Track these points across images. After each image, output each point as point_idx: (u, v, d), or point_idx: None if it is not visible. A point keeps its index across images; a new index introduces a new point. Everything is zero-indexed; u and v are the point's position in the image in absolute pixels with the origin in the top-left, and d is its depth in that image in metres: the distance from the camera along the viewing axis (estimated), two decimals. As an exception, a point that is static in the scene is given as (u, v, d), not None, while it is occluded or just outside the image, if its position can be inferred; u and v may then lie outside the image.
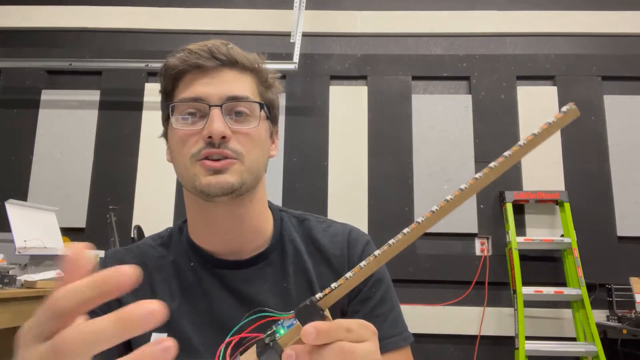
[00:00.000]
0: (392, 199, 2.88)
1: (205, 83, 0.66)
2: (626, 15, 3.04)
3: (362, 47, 3.10)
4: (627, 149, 2.89)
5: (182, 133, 0.66)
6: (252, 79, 0.70)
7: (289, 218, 0.77)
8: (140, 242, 0.77)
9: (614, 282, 2.64)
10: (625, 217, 2.80)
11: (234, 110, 0.66)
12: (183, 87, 0.67)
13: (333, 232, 0.75)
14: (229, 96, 0.65)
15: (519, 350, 2.45)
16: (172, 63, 0.67)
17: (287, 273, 0.71)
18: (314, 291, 0.68)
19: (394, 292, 0.75)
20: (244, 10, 3.16)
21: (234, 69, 0.68)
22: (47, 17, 3.17)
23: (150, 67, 2.97)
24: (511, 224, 2.65)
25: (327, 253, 0.73)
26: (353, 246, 0.74)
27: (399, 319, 0.73)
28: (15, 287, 1.73)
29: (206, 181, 0.63)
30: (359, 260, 0.71)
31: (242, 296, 0.68)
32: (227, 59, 0.66)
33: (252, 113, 0.67)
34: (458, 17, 3.10)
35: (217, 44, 0.67)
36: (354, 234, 0.76)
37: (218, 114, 0.64)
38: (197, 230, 0.72)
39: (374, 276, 0.72)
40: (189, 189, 0.67)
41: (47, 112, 3.08)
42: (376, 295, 0.71)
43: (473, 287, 2.73)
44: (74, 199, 2.94)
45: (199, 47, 0.66)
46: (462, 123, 2.98)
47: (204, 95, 0.65)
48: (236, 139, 0.65)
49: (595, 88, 2.97)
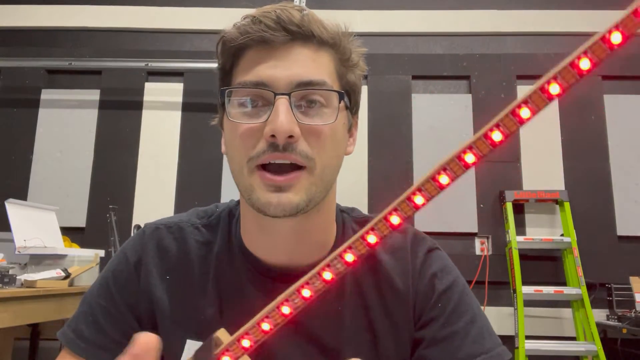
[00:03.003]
0: (392, 199, 2.87)
1: (272, 65, 0.53)
2: (626, 15, 3.03)
3: (362, 46, 3.10)
4: (627, 149, 2.89)
5: (239, 127, 0.53)
6: (330, 57, 0.56)
7: (351, 223, 0.65)
8: (184, 217, 0.65)
9: (613, 282, 2.64)
10: (625, 216, 2.80)
11: (305, 98, 0.53)
12: (243, 66, 0.55)
13: (394, 242, 0.62)
14: (299, 81, 0.52)
15: (518, 350, 2.45)
16: (230, 35, 0.55)
17: (342, 293, 0.59)
18: (370, 318, 0.58)
19: (474, 299, 0.60)
20: (244, 10, 3.14)
21: (309, 45, 0.54)
22: (47, 17, 3.17)
23: (150, 66, 2.97)
24: (511, 224, 2.65)
25: (388, 268, 0.60)
26: (414, 258, 0.61)
27: (485, 331, 0.57)
28: (15, 286, 1.73)
29: (265, 200, 0.52)
30: (419, 274, 0.60)
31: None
32: (301, 32, 0.53)
33: (329, 103, 0.54)
34: (458, 17, 3.09)
35: (288, 9, 0.53)
36: (416, 242, 0.62)
37: (285, 106, 0.51)
38: (250, 236, 0.61)
39: (437, 288, 0.58)
40: (244, 198, 0.56)
41: (47, 111, 3.08)
42: (445, 311, 0.57)
43: (473, 287, 2.73)
44: (74, 198, 2.94)
45: (265, 14, 0.53)
46: (462, 123, 2.98)
47: (269, 79, 0.52)
48: (306, 139, 0.52)
49: (595, 88, 2.97)
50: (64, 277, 1.93)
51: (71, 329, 0.60)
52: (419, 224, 2.83)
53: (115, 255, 0.65)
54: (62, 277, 1.92)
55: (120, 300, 0.60)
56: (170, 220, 0.65)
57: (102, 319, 0.59)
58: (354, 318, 0.58)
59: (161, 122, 3.05)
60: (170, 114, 3.05)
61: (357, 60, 0.60)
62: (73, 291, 1.96)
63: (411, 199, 0.30)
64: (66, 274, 1.94)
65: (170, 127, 3.03)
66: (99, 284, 0.63)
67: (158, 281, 0.60)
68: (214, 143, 2.91)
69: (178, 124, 3.03)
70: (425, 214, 2.84)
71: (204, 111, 3.03)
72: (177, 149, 3.01)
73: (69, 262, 2.09)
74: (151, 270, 0.61)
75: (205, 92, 3.03)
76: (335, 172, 0.58)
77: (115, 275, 0.61)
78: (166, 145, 3.01)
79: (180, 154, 3.00)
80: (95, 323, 0.59)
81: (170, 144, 3.01)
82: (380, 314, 0.58)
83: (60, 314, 1.91)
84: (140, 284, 0.60)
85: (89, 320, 0.60)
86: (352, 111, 0.61)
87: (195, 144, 3.00)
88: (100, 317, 0.59)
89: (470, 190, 2.86)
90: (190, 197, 2.92)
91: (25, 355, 2.29)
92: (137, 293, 0.60)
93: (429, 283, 0.59)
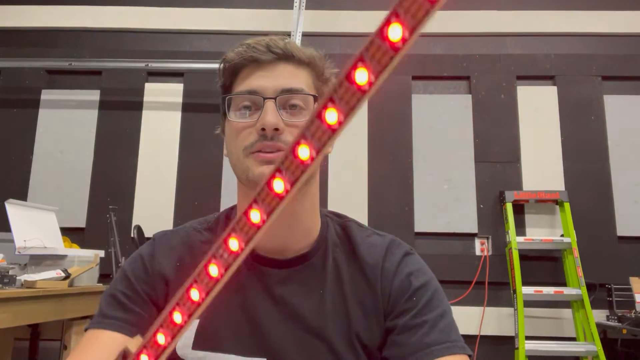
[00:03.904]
0: (392, 199, 2.88)
1: (261, 76, 0.66)
2: (626, 15, 3.04)
3: (361, 46, 3.10)
4: (627, 149, 2.89)
5: (236, 125, 0.66)
6: (308, 73, 0.70)
7: (333, 223, 0.75)
8: (187, 225, 0.77)
9: (613, 282, 2.64)
10: (625, 217, 2.80)
11: (288, 103, 0.66)
12: (240, 81, 0.68)
13: (372, 242, 0.72)
14: (283, 88, 0.65)
15: (518, 350, 2.45)
16: (230, 57, 0.68)
17: (324, 279, 0.69)
18: (346, 302, 0.67)
19: (446, 300, 0.69)
20: (244, 10, 3.16)
21: (290, 63, 0.68)
22: (47, 17, 3.17)
23: (150, 67, 2.97)
24: (511, 224, 2.65)
25: (363, 262, 0.70)
26: (389, 258, 0.70)
27: (453, 327, 0.66)
28: (15, 287, 1.73)
29: (259, 171, 0.63)
30: (395, 272, 0.68)
31: (277, 296, 0.67)
32: (283, 53, 0.67)
33: (307, 106, 0.67)
34: (458, 17, 3.09)
35: (275, 39, 0.68)
36: (393, 245, 0.72)
37: (272, 107, 0.64)
38: None
39: (413, 284, 0.67)
40: (242, 180, 0.68)
41: (47, 111, 3.08)
42: (418, 304, 0.66)
43: (473, 287, 2.73)
44: (74, 199, 2.94)
45: (257, 42, 0.67)
46: (462, 123, 2.98)
47: (259, 88, 0.65)
48: (290, 132, 0.64)
49: (595, 88, 2.97)
50: (64, 277, 1.93)
51: (96, 316, 0.68)
52: (419, 224, 2.83)
53: (129, 257, 0.75)
54: (62, 277, 1.92)
55: (138, 285, 0.69)
56: (176, 228, 0.77)
57: (124, 299, 0.67)
58: (333, 303, 0.67)
59: (161, 122, 3.05)
60: (170, 114, 3.05)
61: (329, 76, 0.73)
62: (73, 292, 1.96)
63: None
64: (66, 274, 1.94)
65: (170, 128, 3.03)
66: (117, 278, 0.71)
67: (170, 267, 0.70)
68: (214, 143, 2.91)
69: (178, 124, 3.03)
70: (426, 215, 2.84)
71: (204, 111, 3.03)
72: (177, 149, 3.01)
73: (69, 262, 2.08)
74: (163, 260, 0.71)
75: (205, 93, 3.04)
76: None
77: (132, 268, 0.71)
78: (166, 145, 3.01)
79: (180, 155, 3.00)
80: (119, 304, 0.67)
81: (170, 144, 3.01)
82: (353, 302, 0.68)
83: (60, 314, 1.91)
84: (154, 270, 0.70)
85: (111, 303, 0.68)
86: None
87: (195, 145, 3.00)
88: (122, 298, 0.67)
89: (470, 190, 2.86)
90: (190, 198, 2.92)
91: (25, 356, 2.29)
92: (153, 277, 0.69)
93: (406, 279, 0.68)
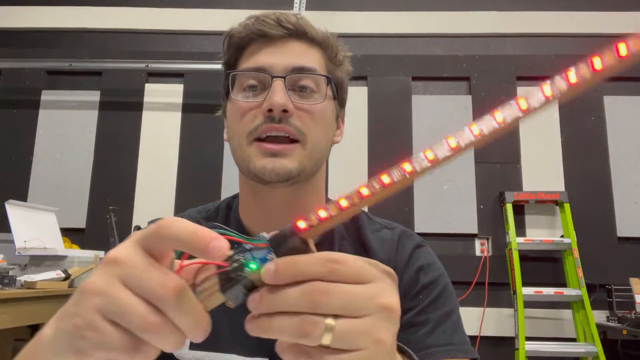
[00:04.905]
0: (392, 199, 2.86)
1: (270, 52, 0.60)
2: (625, 16, 3.04)
3: (362, 47, 3.10)
4: (627, 149, 2.89)
5: (240, 106, 0.60)
6: (320, 54, 0.65)
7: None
8: (185, 213, 0.72)
9: (614, 283, 2.63)
10: (625, 217, 2.80)
11: (298, 84, 0.61)
12: (246, 57, 0.62)
13: (382, 236, 0.68)
14: (294, 67, 0.60)
15: (519, 351, 2.45)
16: (236, 31, 0.63)
17: None
18: None
19: (454, 298, 0.63)
20: (244, 10, 3.15)
21: (302, 41, 0.62)
22: (47, 18, 3.17)
23: (151, 67, 2.97)
24: (511, 225, 2.65)
25: (375, 257, 0.68)
26: (400, 251, 0.66)
27: (458, 328, 0.60)
28: (15, 287, 1.73)
29: (261, 164, 0.58)
30: (404, 267, 0.64)
31: None
32: (295, 29, 0.61)
33: (318, 89, 0.62)
34: (458, 18, 3.10)
35: (286, 13, 0.62)
36: (404, 237, 0.68)
37: (280, 86, 0.58)
38: (248, 213, 0.66)
39: (421, 281, 0.62)
40: (242, 171, 0.62)
41: (47, 112, 3.08)
42: (423, 301, 0.61)
43: (473, 288, 2.73)
44: (74, 199, 2.94)
45: (266, 15, 0.62)
46: (462, 124, 2.96)
47: (267, 65, 0.59)
48: (299, 116, 0.59)
49: (595, 88, 2.97)
50: (64, 278, 1.93)
51: None
52: (419, 225, 2.83)
53: None
54: (62, 278, 1.92)
55: None
56: (174, 216, 0.72)
57: None
58: None
59: (161, 123, 3.05)
60: (171, 115, 3.05)
61: (343, 59, 0.68)
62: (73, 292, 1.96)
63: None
64: (66, 275, 1.94)
65: (171, 128, 3.03)
66: None
67: None
68: (214, 144, 2.91)
69: (178, 125, 3.03)
70: (426, 215, 2.84)
71: (204, 112, 3.03)
72: (177, 150, 3.01)
73: (69, 263, 2.08)
74: None
75: (205, 93, 3.04)
76: (323, 153, 0.64)
77: None
78: (166, 146, 3.01)
79: (180, 155, 3.00)
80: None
81: (170, 145, 3.01)
82: None
83: (60, 315, 1.91)
84: None
85: None
86: (339, 103, 0.68)
87: (195, 145, 3.00)
88: None
89: (470, 191, 2.86)
90: (190, 198, 2.91)
91: (25, 356, 2.29)
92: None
93: (415, 275, 0.63)
